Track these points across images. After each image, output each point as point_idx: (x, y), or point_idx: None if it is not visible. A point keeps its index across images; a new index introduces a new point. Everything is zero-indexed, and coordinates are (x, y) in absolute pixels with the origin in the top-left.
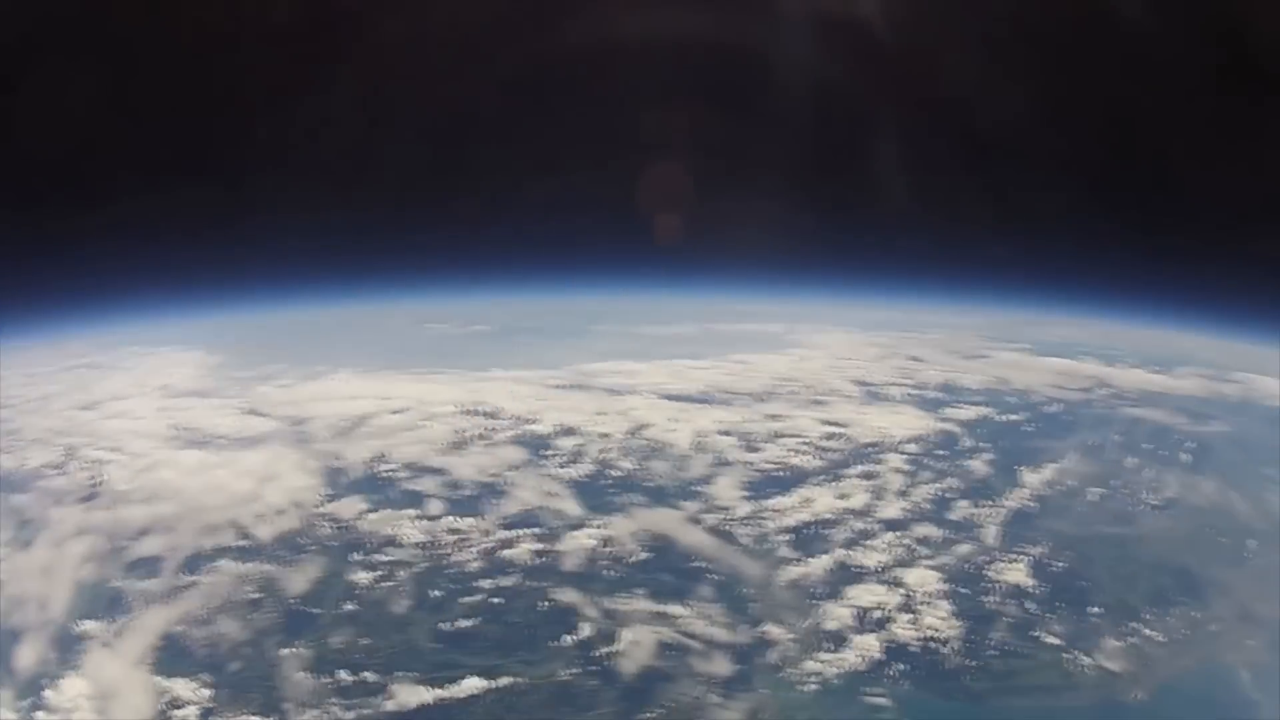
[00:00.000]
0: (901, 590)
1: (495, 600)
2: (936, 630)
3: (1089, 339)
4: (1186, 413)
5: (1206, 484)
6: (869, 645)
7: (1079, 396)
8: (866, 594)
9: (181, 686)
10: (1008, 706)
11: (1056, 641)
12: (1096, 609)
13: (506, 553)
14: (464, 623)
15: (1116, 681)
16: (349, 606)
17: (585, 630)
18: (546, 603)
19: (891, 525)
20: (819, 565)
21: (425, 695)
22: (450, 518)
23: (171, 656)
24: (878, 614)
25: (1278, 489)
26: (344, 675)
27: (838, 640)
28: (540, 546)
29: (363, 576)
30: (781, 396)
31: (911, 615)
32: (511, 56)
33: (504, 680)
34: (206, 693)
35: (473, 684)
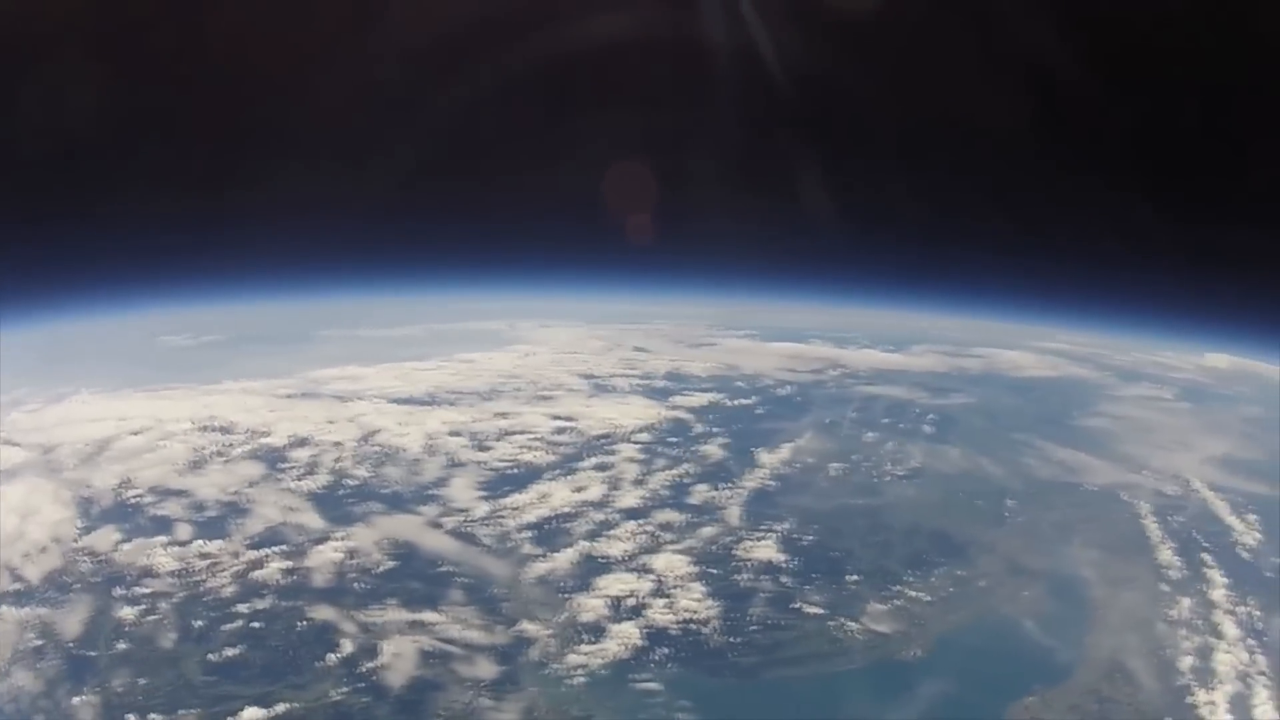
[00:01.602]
0: (652, 576)
1: (255, 625)
2: (694, 612)
3: (819, 323)
4: (926, 388)
5: (954, 452)
6: (628, 633)
7: (811, 378)
8: (617, 583)
9: None
10: (782, 678)
11: (819, 611)
12: (854, 577)
13: (257, 574)
14: (230, 651)
15: (889, 642)
16: (122, 646)
17: (347, 647)
18: (304, 622)
19: (632, 514)
20: (564, 559)
21: None
22: (199, 541)
23: None
24: (631, 602)
25: (1030, 451)
26: None
27: (596, 631)
28: (288, 564)
29: (128, 612)
30: (508, 394)
31: (666, 600)
32: None
33: (280, 707)
34: None
35: (252, 715)
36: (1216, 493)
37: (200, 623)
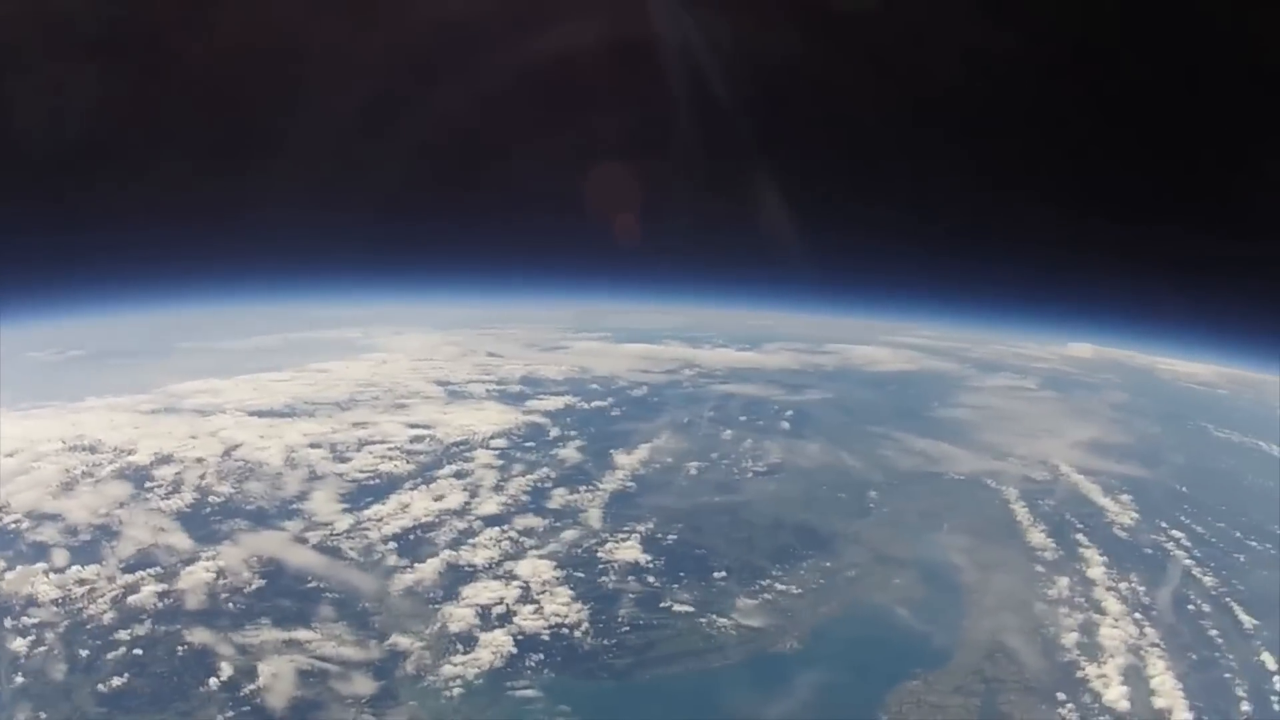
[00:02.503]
0: (518, 583)
1: (137, 651)
2: (563, 616)
3: (672, 323)
4: (781, 385)
5: (812, 447)
6: (500, 641)
7: (665, 379)
8: (484, 591)
9: None
10: (658, 677)
11: (688, 609)
12: (721, 573)
13: (133, 599)
14: (116, 680)
15: (762, 636)
16: (20, 679)
17: (226, 670)
18: (183, 647)
19: (493, 521)
20: (430, 569)
21: None
22: (76, 567)
23: None
24: (500, 609)
25: (890, 444)
26: None
27: (468, 641)
28: (162, 587)
29: (20, 644)
30: (365, 403)
31: (534, 606)
32: None
33: None
34: None
35: None
36: (1086, 476)
37: (85, 652)
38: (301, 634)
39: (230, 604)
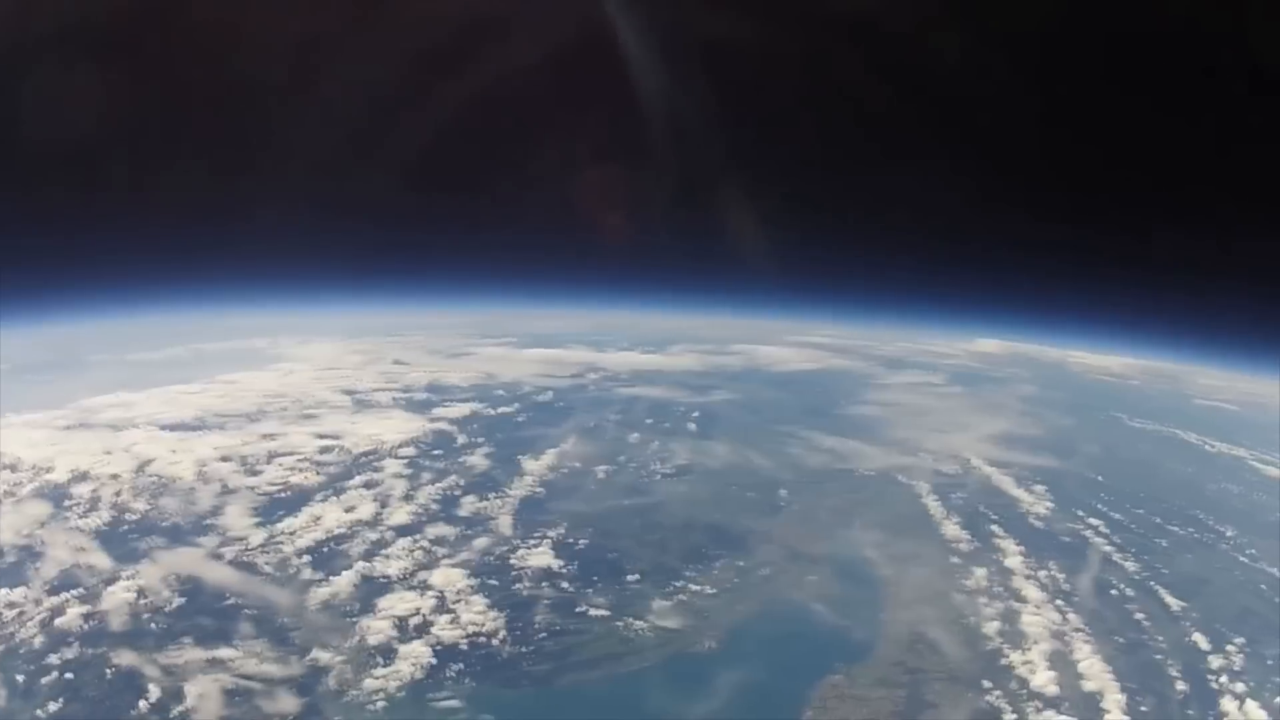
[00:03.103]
0: (432, 593)
1: (68, 676)
2: (479, 625)
3: (575, 327)
4: (687, 386)
5: (720, 448)
6: (419, 653)
7: (570, 383)
8: (400, 603)
9: None
10: (578, 682)
11: (604, 613)
12: (634, 576)
13: (60, 621)
14: (53, 706)
15: (680, 637)
16: None
17: (154, 692)
18: (111, 669)
19: (404, 531)
20: (345, 582)
21: None
22: (4, 590)
23: None
24: (417, 620)
25: (798, 442)
26: None
27: (387, 653)
28: (87, 609)
29: None
30: (274, 414)
31: (450, 615)
32: None
33: None
34: None
35: None
36: (998, 468)
37: (21, 677)
38: (224, 652)
39: (153, 624)
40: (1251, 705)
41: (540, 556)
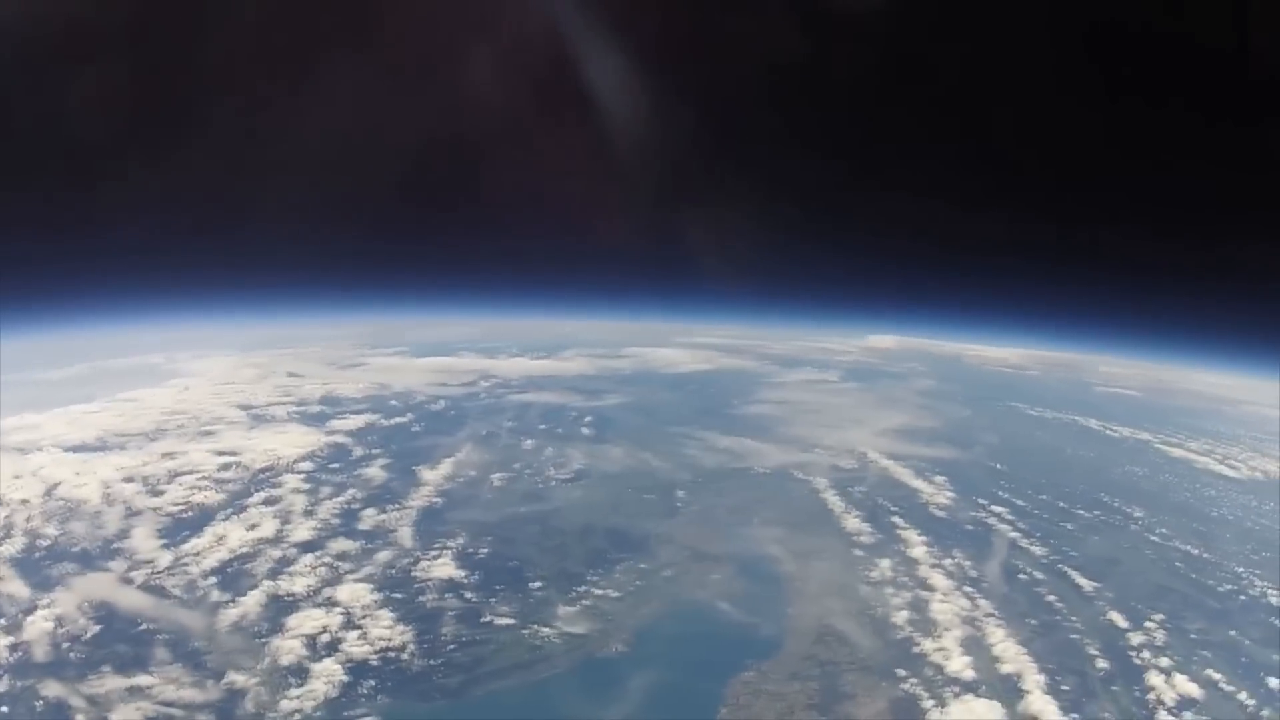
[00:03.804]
0: (339, 609)
1: (3, 709)
2: (388, 640)
3: (466, 335)
4: (580, 391)
5: (616, 451)
6: (332, 670)
7: (463, 391)
8: (308, 621)
9: None
10: (491, 692)
11: (509, 621)
12: (538, 583)
13: None
14: None
15: (588, 642)
16: None
17: None
18: (40, 701)
19: (307, 547)
20: (252, 602)
21: None
22: None
23: None
24: (326, 638)
25: (693, 443)
26: None
27: (300, 673)
28: (10, 639)
29: None
30: (173, 432)
31: (358, 631)
32: None
33: None
34: None
35: None
36: (897, 461)
37: None
38: (142, 679)
39: (72, 653)
40: (1181, 679)
41: (443, 567)
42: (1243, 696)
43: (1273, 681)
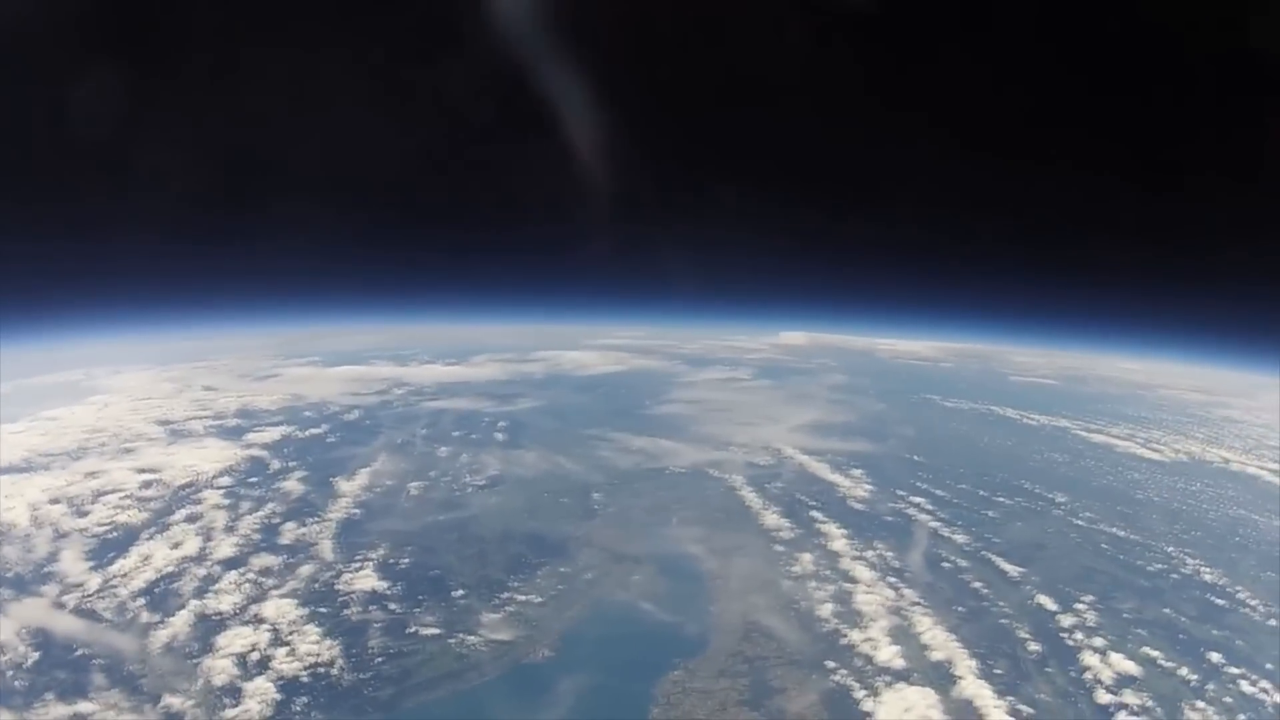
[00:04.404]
0: (266, 626)
1: None
2: (316, 655)
3: (377, 342)
4: (492, 396)
5: (530, 455)
6: (264, 689)
7: (377, 399)
8: (237, 639)
9: None
10: (422, 703)
11: (435, 631)
12: (460, 592)
13: None
14: None
15: (514, 649)
16: None
17: None
18: None
19: (231, 564)
20: (181, 622)
21: None
22: None
23: None
24: (256, 656)
25: (607, 445)
26: None
27: (234, 693)
28: None
29: None
30: (94, 450)
31: (287, 647)
32: None
33: None
34: None
35: None
36: (812, 456)
37: None
38: (84, 706)
39: (17, 681)
40: (1117, 657)
41: (365, 579)
42: (1184, 672)
43: (1214, 656)
